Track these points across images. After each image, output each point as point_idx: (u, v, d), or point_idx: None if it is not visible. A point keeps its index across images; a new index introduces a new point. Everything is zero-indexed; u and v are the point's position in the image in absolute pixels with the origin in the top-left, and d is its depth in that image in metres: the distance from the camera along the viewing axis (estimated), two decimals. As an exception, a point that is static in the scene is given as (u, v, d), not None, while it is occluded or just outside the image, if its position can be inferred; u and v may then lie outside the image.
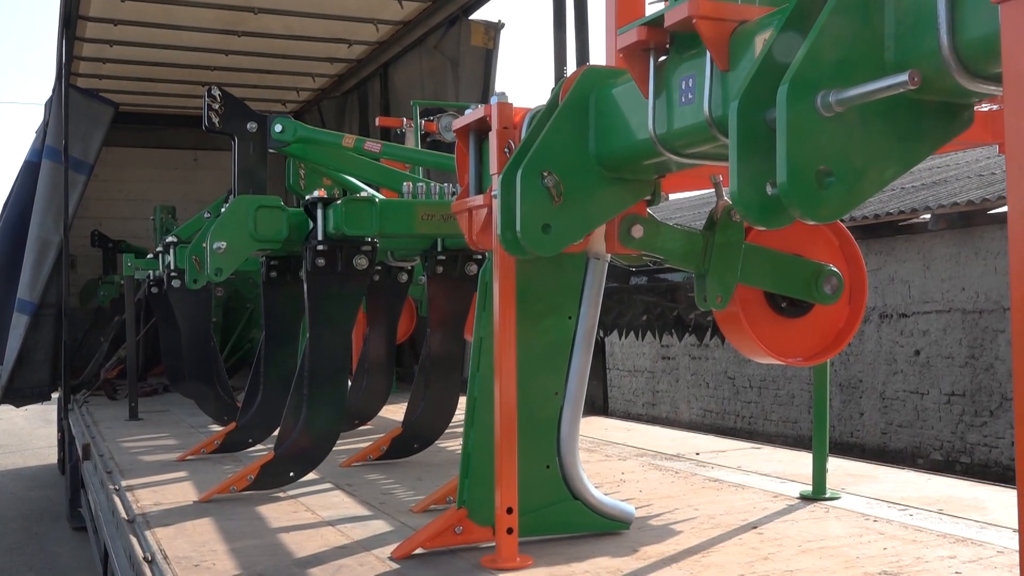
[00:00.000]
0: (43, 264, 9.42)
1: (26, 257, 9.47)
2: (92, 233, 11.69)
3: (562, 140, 2.36)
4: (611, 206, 2.48)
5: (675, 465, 4.46)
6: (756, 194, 1.63)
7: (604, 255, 2.84)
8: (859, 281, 2.95)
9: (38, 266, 9.41)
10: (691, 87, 1.99)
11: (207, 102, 4.42)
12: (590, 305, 2.89)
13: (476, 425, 2.85)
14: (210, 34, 9.59)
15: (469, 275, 4.54)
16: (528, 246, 2.34)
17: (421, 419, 4.65)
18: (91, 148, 9.80)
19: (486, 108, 2.75)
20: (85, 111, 9.74)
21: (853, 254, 2.95)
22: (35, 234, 9.45)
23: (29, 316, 9.38)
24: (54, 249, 9.41)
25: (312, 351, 3.96)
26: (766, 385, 12.66)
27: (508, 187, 2.36)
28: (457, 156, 3.03)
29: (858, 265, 2.95)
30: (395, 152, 5.09)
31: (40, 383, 9.73)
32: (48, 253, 9.42)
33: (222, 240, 3.92)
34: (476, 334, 2.89)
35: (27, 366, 9.55)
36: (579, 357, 2.91)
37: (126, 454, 5.33)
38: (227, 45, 9.92)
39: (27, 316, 9.39)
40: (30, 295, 9.38)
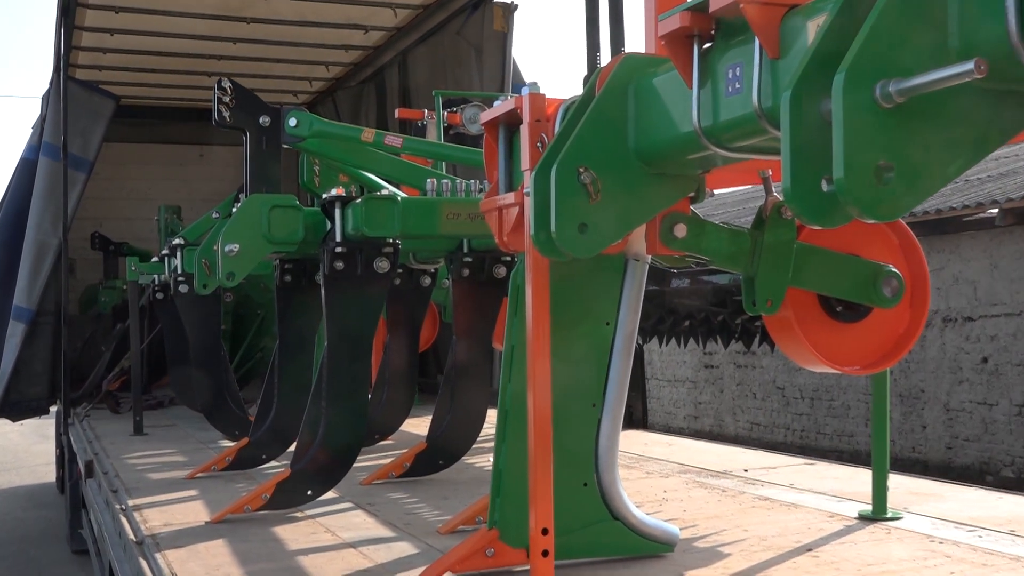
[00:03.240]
0: (41, 268, 9.53)
1: (22, 261, 9.59)
2: (92, 235, 11.84)
3: (599, 134, 2.38)
4: (652, 204, 2.50)
5: (722, 483, 4.46)
6: (810, 191, 1.65)
7: (644, 256, 2.86)
8: (921, 282, 2.95)
9: (35, 271, 9.53)
10: (738, 76, 2.01)
11: (217, 94, 4.48)
12: (629, 310, 2.91)
13: (508, 440, 2.88)
14: (217, 21, 9.69)
15: (497, 278, 4.57)
16: (563, 247, 2.36)
17: (447, 433, 4.68)
18: (91, 144, 9.91)
19: (517, 99, 2.78)
20: (85, 105, 9.86)
21: (914, 253, 2.95)
22: (32, 236, 9.57)
23: (26, 324, 9.50)
24: (52, 252, 9.53)
25: (330, 361, 4.01)
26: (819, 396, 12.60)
27: (542, 184, 2.38)
28: (485, 151, 3.06)
29: (920, 265, 2.95)
30: (418, 146, 5.14)
31: (38, 396, 9.85)
32: (46, 257, 9.54)
33: (235, 242, 3.98)
34: (507, 342, 2.92)
35: (24, 378, 9.67)
36: (618, 366, 2.93)
37: (132, 471, 5.41)
38: (235, 32, 10.02)
39: (24, 324, 9.51)
40: (27, 302, 9.50)
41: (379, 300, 4.14)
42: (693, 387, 14.88)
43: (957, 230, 10.80)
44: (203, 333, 6.39)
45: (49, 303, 9.61)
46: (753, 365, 13.65)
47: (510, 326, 2.91)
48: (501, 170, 2.96)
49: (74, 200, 9.51)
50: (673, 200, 2.54)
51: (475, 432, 4.74)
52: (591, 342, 2.89)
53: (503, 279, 4.58)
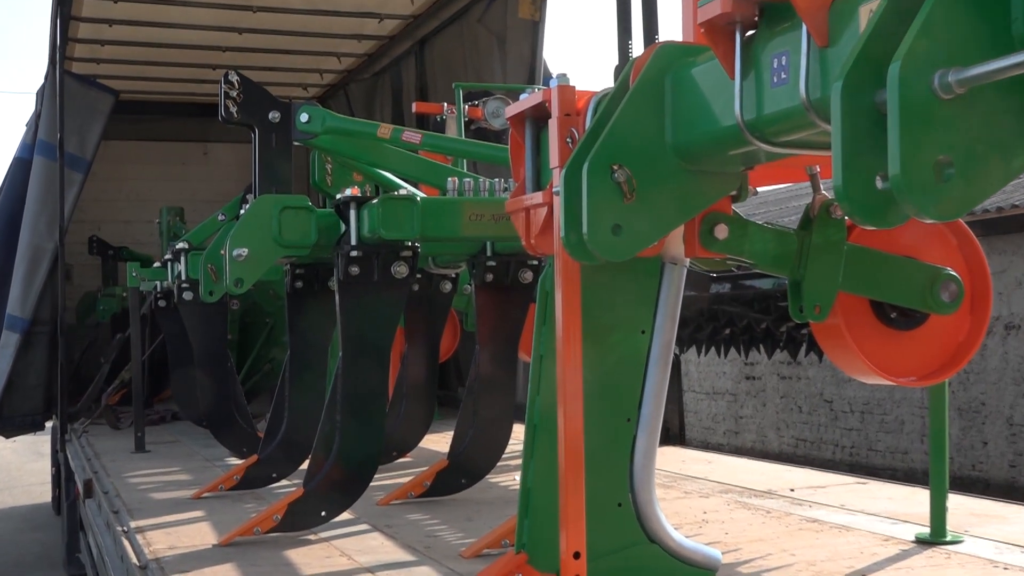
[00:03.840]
0: (35, 275, 9.62)
1: (16, 267, 9.68)
2: (90, 239, 11.95)
3: (634, 128, 2.38)
4: (691, 203, 2.50)
5: (766, 503, 4.45)
6: (864, 188, 1.65)
7: (683, 259, 2.85)
8: (982, 287, 2.94)
9: (30, 277, 9.61)
10: (784, 66, 2.01)
11: (224, 89, 4.52)
12: (666, 317, 2.91)
13: (536, 457, 2.88)
14: (221, 10, 9.76)
15: (523, 284, 4.58)
16: (596, 250, 2.36)
17: (470, 450, 4.69)
18: (89, 142, 10.00)
19: (545, 92, 2.78)
20: (82, 100, 9.95)
21: (975, 255, 2.94)
22: (26, 241, 9.66)
23: (20, 335, 9.58)
24: (48, 257, 9.61)
25: (345, 372, 4.03)
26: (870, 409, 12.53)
27: (572, 183, 2.39)
28: (511, 147, 3.07)
29: (980, 268, 2.94)
30: (438, 143, 5.16)
31: (33, 410, 9.93)
32: (41, 262, 9.62)
33: (243, 246, 4.01)
34: (535, 352, 2.92)
35: (18, 391, 9.76)
36: (654, 377, 2.92)
37: (134, 491, 5.45)
38: (240, 22, 10.09)
39: (18, 335, 9.59)
40: (21, 311, 9.58)
41: (397, 307, 4.16)
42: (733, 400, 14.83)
43: (1020, 229, 10.72)
44: (209, 343, 6.43)
45: (44, 312, 9.69)
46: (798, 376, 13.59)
47: (538, 335, 2.92)
48: (528, 168, 2.96)
49: (71, 202, 9.59)
50: (713, 199, 2.54)
51: (500, 448, 4.74)
52: (625, 352, 2.88)
53: (529, 284, 4.59)
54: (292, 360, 4.94)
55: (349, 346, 4.04)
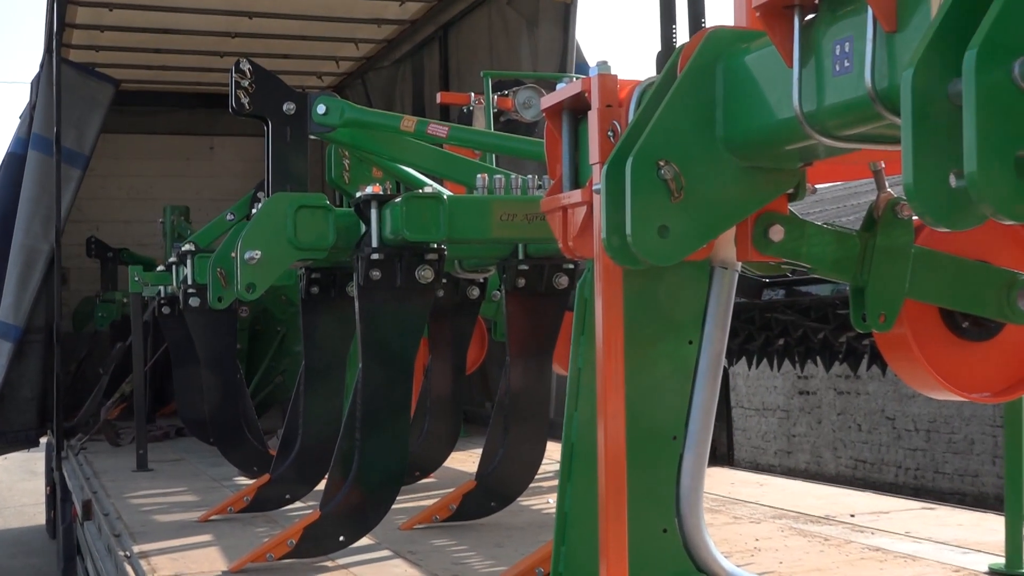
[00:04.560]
0: (30, 279, 9.71)
1: (9, 270, 9.76)
2: (88, 240, 12.03)
3: (682, 121, 2.38)
4: (744, 202, 2.49)
5: (824, 530, 4.44)
6: (936, 187, 1.65)
7: (734, 263, 2.85)
8: (1064, 294, 2.92)
9: (23, 281, 9.70)
10: (848, 53, 2.01)
11: (235, 78, 4.54)
12: (716, 326, 2.90)
13: (574, 478, 2.88)
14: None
15: (558, 290, 4.59)
16: (640, 253, 2.36)
17: (500, 470, 4.70)
18: (87, 136, 10.09)
19: (584, 81, 2.79)
20: (80, 91, 10.04)
21: (1055, 259, 2.92)
22: (20, 242, 9.75)
23: (12, 343, 9.67)
24: (43, 260, 9.70)
25: (365, 385, 4.05)
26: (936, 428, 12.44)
27: (615, 180, 2.39)
28: (547, 141, 3.08)
29: (1062, 273, 2.92)
30: (465, 136, 5.17)
31: (26, 425, 10.02)
32: (36, 265, 9.71)
33: (256, 248, 4.04)
34: (572, 364, 2.93)
35: (11, 405, 9.85)
36: (703, 391, 2.92)
37: (136, 512, 5.50)
38: (250, 6, 10.15)
39: (10, 343, 9.68)
40: (14, 318, 9.68)
41: (421, 315, 4.18)
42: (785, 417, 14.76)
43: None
44: (216, 353, 6.48)
45: (39, 319, 9.78)
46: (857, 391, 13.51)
47: (576, 345, 2.92)
48: (565, 163, 2.97)
49: (67, 200, 9.68)
50: (769, 198, 2.54)
51: (533, 469, 4.75)
52: (671, 364, 2.88)
53: (565, 291, 4.60)
54: (307, 372, 4.96)
55: (369, 357, 4.06)
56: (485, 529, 4.63)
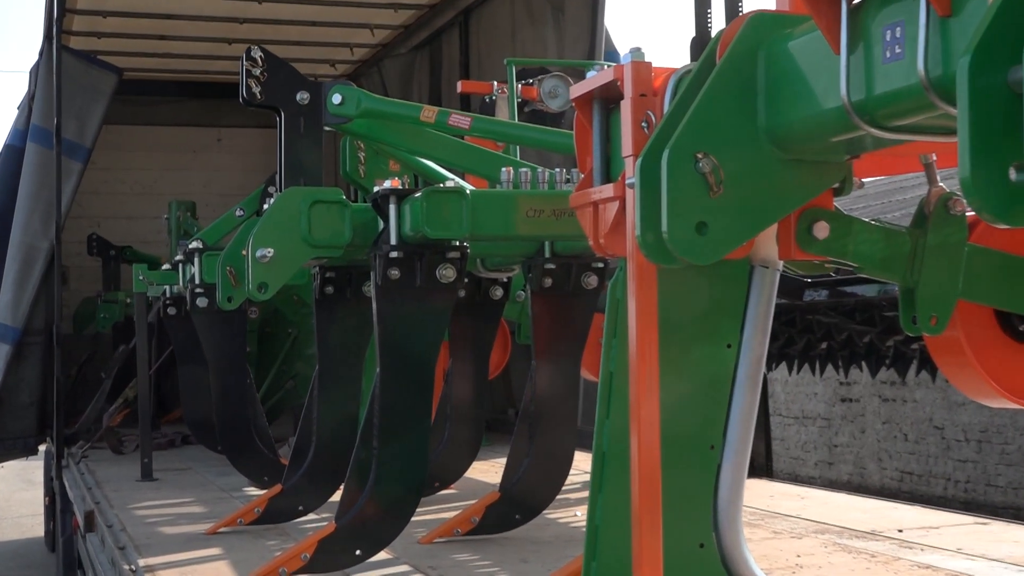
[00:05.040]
0: (28, 278, 9.77)
1: (6, 269, 9.83)
2: (89, 237, 12.12)
3: (721, 111, 2.38)
4: (787, 197, 2.49)
5: (870, 546, 4.42)
6: (995, 180, 1.64)
7: (776, 262, 2.84)
8: None
9: (22, 280, 9.76)
10: (899, 38, 2.00)
11: (246, 66, 4.56)
12: (756, 328, 2.90)
13: (605, 490, 2.88)
14: (239, -24, 9.89)
15: (587, 290, 4.58)
16: (677, 251, 2.36)
17: (525, 481, 4.70)
18: (88, 127, 10.15)
19: (616, 69, 2.79)
20: (81, 80, 10.10)
21: (1119, 258, 2.90)
22: (18, 239, 9.81)
23: (11, 346, 9.74)
24: (42, 258, 9.76)
25: (383, 391, 4.06)
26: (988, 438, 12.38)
27: (650, 173, 2.39)
28: (576, 132, 3.07)
29: None
30: (489, 127, 5.18)
31: (24, 432, 10.08)
32: (35, 263, 9.77)
33: (268, 246, 4.05)
34: (603, 369, 2.93)
35: (8, 410, 9.91)
36: (742, 398, 2.91)
37: (141, 524, 5.53)
38: (260, -11, 10.20)
39: (8, 346, 9.74)
40: (12, 319, 9.74)
41: (442, 316, 4.18)
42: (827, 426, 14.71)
43: None
44: (225, 357, 6.50)
45: (38, 320, 9.85)
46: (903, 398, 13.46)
47: (607, 349, 2.92)
48: (596, 156, 2.97)
49: (68, 195, 9.73)
50: (813, 193, 2.53)
51: (560, 479, 4.75)
52: (709, 369, 2.88)
53: (594, 291, 4.60)
54: (321, 376, 4.98)
55: (387, 360, 4.07)
56: (509, 543, 4.63)
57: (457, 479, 5.79)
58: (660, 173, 2.35)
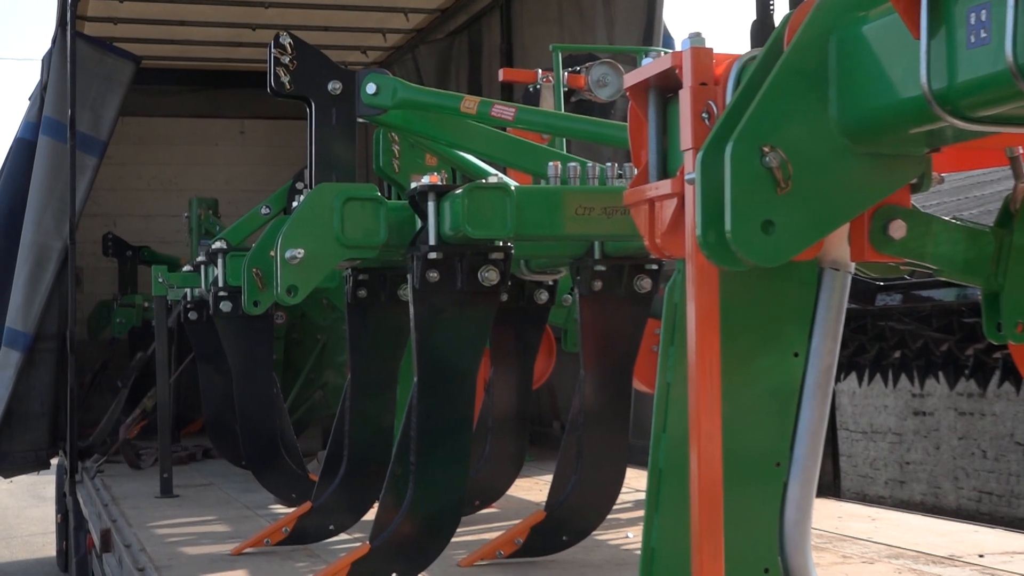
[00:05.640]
0: (40, 280, 9.82)
1: (17, 271, 9.88)
2: (105, 237, 12.20)
3: (789, 101, 2.38)
4: (860, 194, 2.48)
5: (948, 572, 4.40)
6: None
7: (847, 264, 2.83)
8: None
9: (34, 283, 9.82)
10: (984, 22, 1.99)
11: (274, 53, 4.60)
12: (826, 336, 2.88)
13: (662, 510, 2.88)
14: (264, -42, 9.96)
15: (640, 293, 4.58)
16: (741, 252, 2.36)
17: (572, 500, 4.70)
18: (104, 119, 10.20)
19: (675, 56, 2.79)
20: (96, 68, 10.15)
21: None
22: (30, 239, 9.87)
23: (22, 352, 9.78)
24: (55, 259, 9.82)
25: (420, 402, 4.07)
26: (1075, 455, 12.26)
27: (711, 168, 2.39)
28: (631, 124, 3.08)
29: None
30: (535, 119, 5.18)
31: (36, 445, 10.13)
32: (47, 265, 9.83)
33: (298, 246, 4.07)
34: (660, 379, 2.93)
35: (19, 422, 9.96)
36: (810, 411, 2.90)
37: (161, 544, 5.57)
38: (287, -29, 10.26)
39: (19, 353, 9.79)
40: (23, 324, 9.79)
41: (484, 322, 4.19)
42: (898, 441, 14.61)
43: None
44: (250, 365, 6.53)
45: (51, 325, 9.90)
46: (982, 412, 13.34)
47: (664, 358, 2.92)
48: (652, 150, 2.97)
49: (83, 191, 9.77)
50: (889, 189, 2.52)
51: (610, 498, 4.75)
52: (774, 379, 2.87)
53: (647, 295, 4.59)
54: (354, 386, 5.00)
55: (425, 369, 4.08)
56: (556, 567, 4.63)
57: (499, 497, 5.80)
58: (723, 168, 2.35)
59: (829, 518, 5.69)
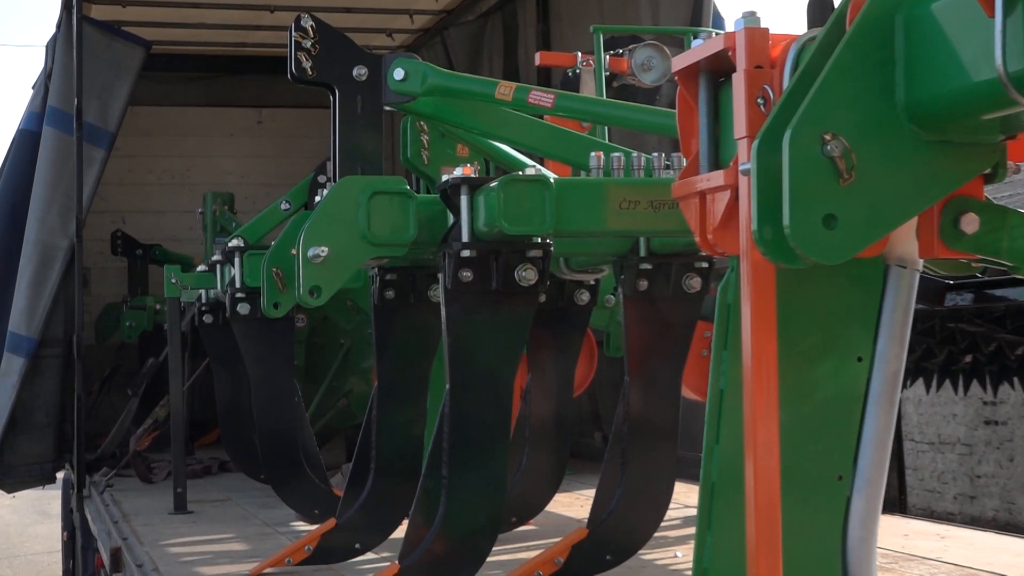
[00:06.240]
0: (45, 281, 9.86)
1: (20, 271, 9.92)
2: (114, 235, 12.27)
3: (853, 85, 2.37)
4: (930, 185, 2.47)
5: (1024, 594, 4.37)
6: None
7: (915, 262, 2.82)
8: None
9: (38, 284, 9.86)
10: (1066, -3, 1.98)
11: (294, 37, 4.61)
12: (892, 339, 2.88)
13: (715, 527, 2.88)
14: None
15: (689, 294, 4.57)
16: (800, 248, 2.36)
17: (617, 516, 4.69)
18: (113, 109, 10.23)
19: (727, 37, 2.79)
20: (104, 54, 10.19)
21: None
22: (34, 237, 9.91)
23: (26, 359, 9.81)
24: (61, 259, 9.85)
25: (453, 410, 4.07)
26: None
27: (768, 158, 2.39)
28: (679, 111, 3.07)
29: None
30: (575, 105, 5.17)
31: (41, 457, 10.17)
32: (52, 264, 9.86)
33: (322, 244, 4.08)
34: (713, 386, 2.92)
35: (23, 433, 10.01)
36: (876, 420, 2.90)
37: (176, 563, 5.60)
38: (306, -50, 10.27)
39: (23, 359, 9.83)
40: (27, 328, 9.83)
41: (521, 325, 4.20)
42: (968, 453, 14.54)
43: None
44: (270, 371, 6.55)
45: (56, 329, 9.93)
46: (1060, 421, 13.28)
47: (717, 363, 2.91)
48: (703, 138, 2.97)
49: (90, 186, 9.79)
50: (961, 180, 2.51)
51: (658, 514, 4.73)
52: (836, 386, 2.87)
53: (697, 294, 4.58)
54: (381, 394, 5.01)
55: (458, 376, 4.09)
56: (599, 588, 4.63)
57: (537, 513, 5.80)
58: (780, 157, 2.35)
59: (895, 536, 5.66)
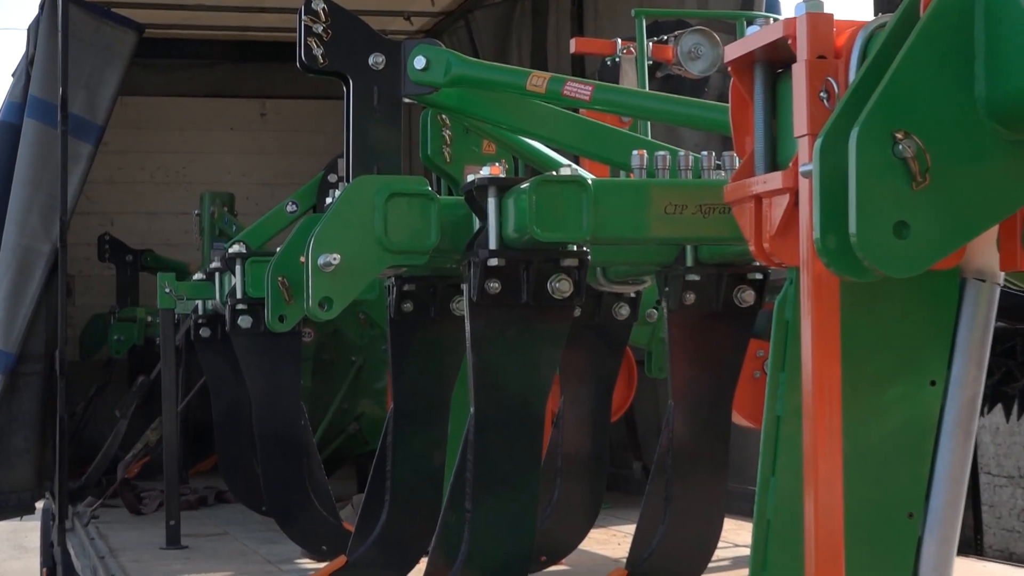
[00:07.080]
0: (25, 291, 9.86)
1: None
2: (100, 238, 12.27)
3: (927, 78, 2.37)
4: (1012, 190, 2.47)
5: (1114, 647, 4.35)
6: None
7: (995, 274, 2.82)
8: None
9: (17, 294, 9.86)
10: None
11: (304, 21, 4.62)
12: (970, 361, 2.87)
13: (771, 568, 2.88)
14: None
15: (741, 308, 4.56)
16: (868, 259, 2.36)
17: (659, 556, 4.69)
18: (101, 99, 10.23)
19: (786, 23, 2.79)
20: (92, 39, 10.19)
21: None
22: (12, 241, 9.90)
23: (3, 376, 9.82)
24: (42, 265, 9.84)
25: (479, 437, 4.07)
26: None
27: (833, 159, 2.39)
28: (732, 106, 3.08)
29: None
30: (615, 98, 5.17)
31: (19, 485, 10.17)
32: (33, 272, 9.86)
33: (334, 251, 4.08)
34: (768, 412, 2.92)
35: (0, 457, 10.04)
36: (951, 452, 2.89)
37: (168, 605, 5.61)
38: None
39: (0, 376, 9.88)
40: (4, 342, 9.81)
41: (555, 342, 4.19)
42: (1050, 488, 14.50)
43: None
44: (273, 392, 6.55)
45: (37, 343, 9.92)
46: None
47: (773, 387, 2.91)
48: (758, 136, 2.97)
49: (75, 185, 9.79)
50: (1048, 184, 2.51)
51: (706, 554, 4.74)
52: (907, 413, 2.87)
53: (750, 309, 4.57)
54: (397, 418, 5.01)
55: (484, 398, 4.08)
56: (639, 636, 4.63)
57: (571, 551, 5.79)
58: (846, 158, 2.35)
59: (969, 578, 5.66)
